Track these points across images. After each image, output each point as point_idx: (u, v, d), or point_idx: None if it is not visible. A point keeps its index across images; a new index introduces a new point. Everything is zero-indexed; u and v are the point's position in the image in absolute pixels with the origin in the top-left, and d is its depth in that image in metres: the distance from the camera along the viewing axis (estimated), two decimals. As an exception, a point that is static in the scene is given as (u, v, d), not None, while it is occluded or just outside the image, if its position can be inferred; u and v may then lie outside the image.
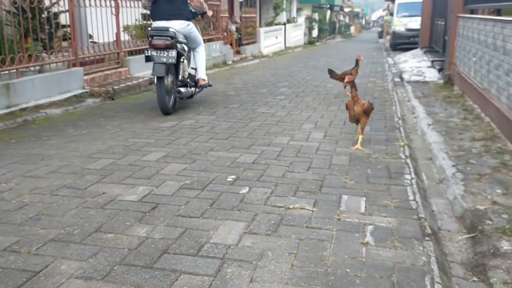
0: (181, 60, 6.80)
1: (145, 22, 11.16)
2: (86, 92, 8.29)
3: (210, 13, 7.73)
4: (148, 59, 6.43)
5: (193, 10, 7.01)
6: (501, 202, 3.54)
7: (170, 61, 6.34)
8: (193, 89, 7.24)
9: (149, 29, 6.76)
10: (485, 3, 7.64)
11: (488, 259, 2.77)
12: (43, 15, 7.93)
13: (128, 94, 8.75)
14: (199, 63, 7.43)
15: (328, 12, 32.99)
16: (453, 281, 2.65)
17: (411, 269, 2.58)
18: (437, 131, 5.81)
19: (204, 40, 13.66)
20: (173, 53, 6.34)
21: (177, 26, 6.63)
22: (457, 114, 6.76)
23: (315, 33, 30.29)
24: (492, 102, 6.05)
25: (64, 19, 8.60)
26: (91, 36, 10.21)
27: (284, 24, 24.06)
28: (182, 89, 6.81)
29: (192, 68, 7.47)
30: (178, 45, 6.53)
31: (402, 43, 21.34)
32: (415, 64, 13.75)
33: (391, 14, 28.76)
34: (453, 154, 4.81)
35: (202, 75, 7.39)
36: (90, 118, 6.64)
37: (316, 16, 30.90)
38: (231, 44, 16.39)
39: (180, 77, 6.87)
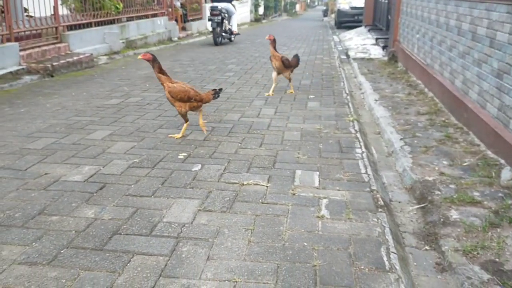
0: (223, 21, 13.27)
1: (84, -5, 10.62)
2: (22, 68, 7.80)
3: None
4: (209, 19, 12.96)
5: None
6: (448, 173, 3.64)
7: (216, 20, 12.81)
8: (231, 36, 14.17)
9: (210, 5, 13.80)
10: (428, -20, 7.80)
11: (438, 228, 2.84)
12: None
13: (68, 71, 8.33)
14: (233, 22, 14.21)
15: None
16: (407, 250, 2.70)
17: (366, 240, 2.60)
18: (384, 106, 5.91)
19: (147, 15, 13.26)
20: (219, 17, 12.83)
21: (221, 5, 13.25)
22: (402, 89, 6.91)
23: (261, 10, 30.09)
24: (436, 77, 6.22)
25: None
26: (26, 10, 9.60)
27: (230, 0, 23.71)
28: (224, 34, 13.62)
29: (229, 25, 14.08)
30: (222, 14, 12.88)
31: (347, 21, 21.60)
32: (360, 42, 13.95)
33: (336, -8, 28.97)
34: (400, 128, 4.91)
35: (234, 28, 14.27)
36: (28, 96, 6.26)
37: (262, -7, 30.64)
38: (176, 20, 15.95)
39: (223, 29, 13.47)
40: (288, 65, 6.54)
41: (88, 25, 10.33)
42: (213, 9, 12.72)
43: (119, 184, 3.28)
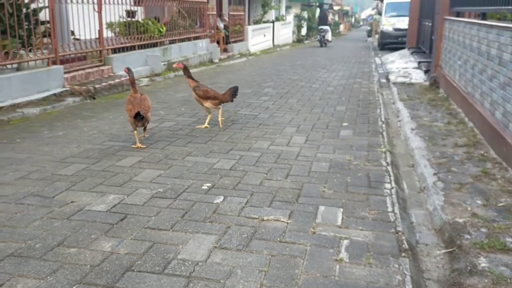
0: (325, 34, 24.43)
1: (129, 19, 10.96)
2: (66, 90, 8.10)
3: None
4: (318, 34, 24.99)
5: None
6: (481, 214, 3.45)
7: (322, 34, 24.34)
8: (327, 43, 24.65)
9: (319, 27, 25.81)
10: (470, 6, 7.57)
11: (464, 278, 2.68)
12: (22, 11, 7.70)
13: (109, 93, 8.57)
14: (328, 36, 24.59)
15: (318, 10, 32.85)
16: (428, 301, 2.55)
17: (385, 289, 2.48)
18: (420, 136, 5.72)
19: (190, 38, 13.54)
20: (323, 33, 24.40)
21: (323, 27, 24.92)
22: (441, 118, 6.68)
23: (304, 31, 30.17)
24: (476, 107, 5.98)
25: (44, 15, 8.39)
26: (73, 33, 10.01)
27: (273, 22, 23.92)
28: (326, 42, 24.52)
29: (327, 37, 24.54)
30: (324, 31, 24.57)
31: (390, 42, 21.31)
32: (402, 65, 13.69)
33: (380, 14, 28.72)
34: (435, 161, 4.72)
35: (329, 38, 24.75)
36: (68, 118, 6.46)
37: (305, 14, 30.76)
38: (218, 42, 16.22)
39: (325, 38, 24.39)
40: (203, 96, 5.86)
41: (131, 48, 10.64)
42: (319, 29, 25.05)
43: (140, 216, 3.29)
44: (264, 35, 21.71)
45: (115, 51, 10.30)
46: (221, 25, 17.31)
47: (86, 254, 2.74)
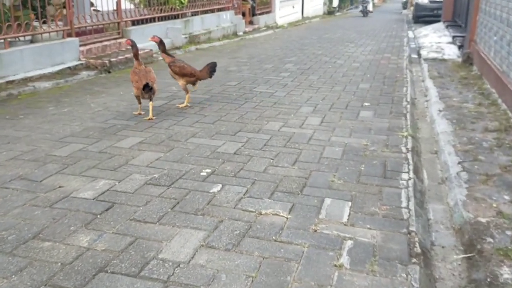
0: (367, 5, 25.25)
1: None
2: (81, 64, 7.89)
3: None
4: (361, 5, 25.74)
5: None
6: (507, 213, 3.05)
7: (365, 5, 25.14)
8: (369, 12, 25.51)
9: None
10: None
11: (483, 292, 2.32)
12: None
13: (125, 67, 8.31)
14: (370, 6, 25.60)
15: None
16: (438, 319, 2.22)
17: (387, 304, 2.15)
18: (448, 118, 5.26)
19: (213, 9, 13.12)
20: (365, 5, 25.21)
21: None
22: (472, 99, 6.16)
23: (335, 2, 29.15)
24: (510, 88, 5.45)
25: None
26: (92, 4, 9.76)
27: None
28: (367, 12, 25.39)
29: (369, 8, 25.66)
30: (367, 2, 25.31)
31: (425, 15, 20.26)
32: (436, 39, 12.94)
33: (416, -16, 27.39)
34: (461, 148, 4.29)
35: (370, 9, 25.76)
36: (78, 93, 6.25)
37: (337, -16, 29.64)
38: (243, 14, 15.73)
39: (367, 9, 25.24)
40: (179, 73, 5.47)
41: (151, 20, 10.33)
42: (362, 1, 25.77)
43: (127, 205, 3.03)
44: (293, 7, 21.01)
45: (134, 23, 10.01)
46: (249, -4, 16.78)
47: (60, 250, 2.51)
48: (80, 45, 8.16)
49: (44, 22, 7.49)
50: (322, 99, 6.15)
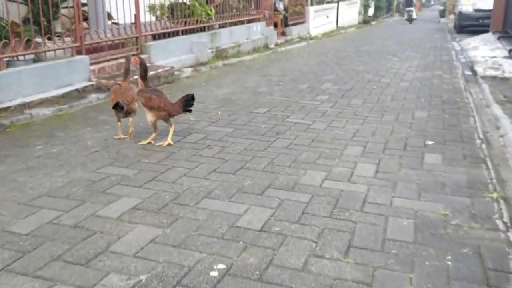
0: (411, 14, 26.96)
1: (174, 0, 9.57)
2: (91, 85, 6.86)
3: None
4: (406, 13, 27.48)
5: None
6: None
7: (410, 14, 26.86)
8: (413, 20, 26.91)
9: (407, 9, 27.85)
10: None
11: None
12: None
13: (142, 88, 7.23)
14: (414, 14, 27.22)
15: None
16: None
17: None
18: (542, 166, 3.91)
19: (243, 21, 11.99)
20: (411, 13, 26.85)
21: (410, 8, 27.20)
22: None
23: (371, 11, 27.67)
24: None
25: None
26: (110, 16, 8.75)
27: (337, 1, 21.78)
28: (412, 20, 26.81)
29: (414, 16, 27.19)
30: (411, 11, 26.97)
31: (469, 25, 18.63)
32: (488, 53, 11.43)
33: (456, -8, 25.68)
34: None
35: (415, 16, 27.37)
36: (77, 124, 5.18)
37: (372, -7, 28.17)
38: (275, 25, 14.56)
39: (412, 17, 26.82)
40: (145, 105, 4.41)
41: (174, 34, 9.26)
42: (407, 10, 27.04)
43: None
44: (327, 16, 19.71)
45: (155, 37, 8.97)
46: (281, 6, 15.61)
47: None
48: (92, 63, 7.14)
49: (49, 39, 6.49)
50: (371, 133, 4.88)
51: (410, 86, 7.53)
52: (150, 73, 7.62)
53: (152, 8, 9.31)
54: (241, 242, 2.68)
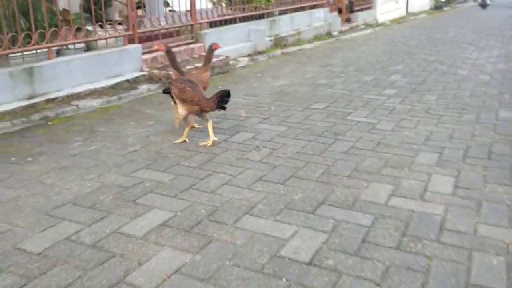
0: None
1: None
2: (143, 75, 6.55)
3: None
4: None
5: None
6: None
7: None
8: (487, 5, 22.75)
9: None
10: None
11: None
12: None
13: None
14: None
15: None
16: None
17: None
18: None
19: (305, 7, 11.31)
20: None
21: None
22: None
23: (443, -4, 25.83)
24: None
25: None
26: (168, 3, 8.44)
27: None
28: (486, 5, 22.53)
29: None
30: None
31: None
32: None
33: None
34: None
35: (488, 2, 22.47)
36: (122, 118, 4.84)
37: (446, -24, 26.25)
38: (339, 11, 13.72)
39: (486, 2, 22.44)
40: (178, 97, 3.95)
41: (231, 21, 8.78)
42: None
43: None
44: (397, 2, 18.46)
45: (211, 25, 8.55)
46: (348, -9, 14.71)
47: None
48: (144, 53, 6.83)
49: (101, 27, 6.23)
50: (448, 137, 4.15)
51: (491, 79, 6.59)
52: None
53: (209, -6, 8.88)
54: (284, 280, 2.16)
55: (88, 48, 6.33)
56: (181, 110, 3.95)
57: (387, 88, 6.08)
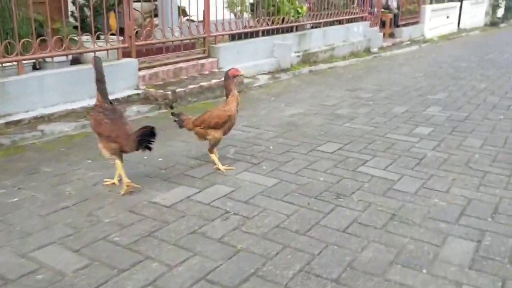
0: None
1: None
2: (137, 94, 5.65)
3: None
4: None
5: None
6: None
7: None
8: None
9: None
10: None
11: None
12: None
13: (197, 100, 5.89)
14: None
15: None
16: None
17: None
18: None
19: (341, 20, 10.12)
20: None
21: None
22: None
23: (500, 12, 23.72)
24: None
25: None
26: (185, 12, 7.50)
27: (461, 0, 18.66)
28: None
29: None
30: None
31: None
32: None
33: None
34: None
35: None
36: (80, 153, 3.91)
37: (504, -9, 24.15)
38: (383, 25, 12.42)
39: None
40: (95, 130, 3.16)
41: (253, 34, 7.75)
42: None
43: None
44: (448, 16, 16.85)
45: (233, 37, 7.58)
46: (394, 4, 13.35)
47: None
48: (143, 68, 5.93)
49: (98, 38, 5.39)
50: (492, 210, 2.93)
51: (557, 119, 5.22)
52: (213, 81, 6.24)
53: (231, 4, 7.91)
54: None
55: (76, 61, 5.50)
56: (100, 145, 3.02)
57: (421, 125, 4.86)
